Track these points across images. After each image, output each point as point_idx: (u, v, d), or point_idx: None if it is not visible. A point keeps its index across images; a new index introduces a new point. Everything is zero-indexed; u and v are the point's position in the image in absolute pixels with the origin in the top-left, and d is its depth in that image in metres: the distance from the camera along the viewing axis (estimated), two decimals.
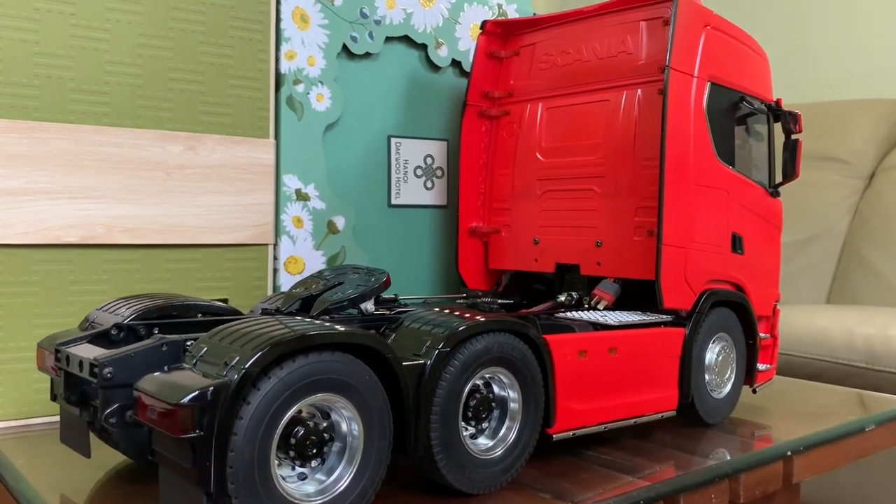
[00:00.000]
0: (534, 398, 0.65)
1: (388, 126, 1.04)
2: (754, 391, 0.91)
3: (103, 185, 0.83)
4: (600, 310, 0.84)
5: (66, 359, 0.61)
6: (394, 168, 1.05)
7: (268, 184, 0.93)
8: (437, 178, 1.09)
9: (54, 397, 0.65)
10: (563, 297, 0.87)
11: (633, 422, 0.75)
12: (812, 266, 1.92)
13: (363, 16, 1.00)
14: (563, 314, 0.80)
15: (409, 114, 1.06)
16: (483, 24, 0.99)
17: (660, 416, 0.77)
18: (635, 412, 0.75)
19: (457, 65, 1.10)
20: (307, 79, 0.95)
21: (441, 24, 1.07)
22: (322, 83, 0.97)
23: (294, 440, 0.52)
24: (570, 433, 0.69)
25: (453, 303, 0.97)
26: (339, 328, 0.54)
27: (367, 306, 0.71)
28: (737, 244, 0.87)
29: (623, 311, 0.82)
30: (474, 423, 0.63)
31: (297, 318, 0.62)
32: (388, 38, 1.03)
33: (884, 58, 2.10)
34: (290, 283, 0.89)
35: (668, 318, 0.81)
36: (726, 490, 0.70)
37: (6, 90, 0.78)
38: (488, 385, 0.64)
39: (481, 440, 0.63)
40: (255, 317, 0.66)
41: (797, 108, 0.93)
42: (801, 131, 0.93)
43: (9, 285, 0.79)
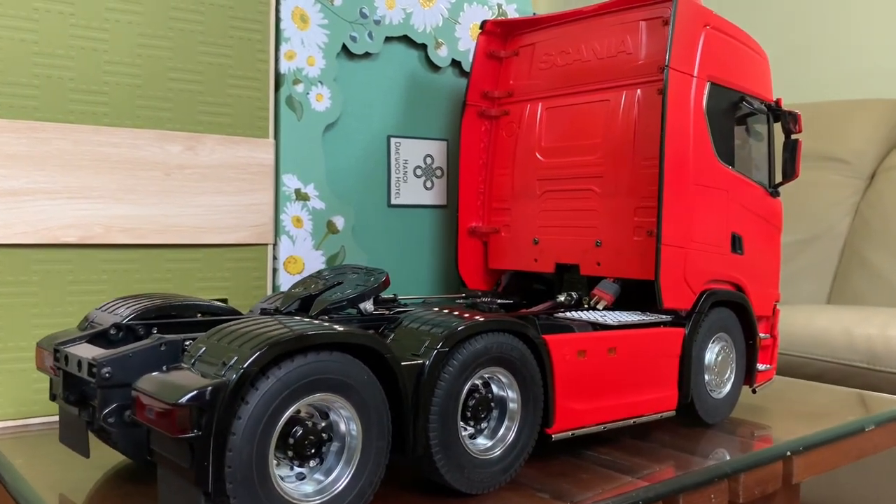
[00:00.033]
0: (533, 398, 0.65)
1: (387, 126, 1.04)
2: (754, 391, 0.91)
3: (102, 184, 0.83)
4: (600, 310, 0.83)
5: (65, 358, 0.61)
6: (393, 168, 1.05)
7: (267, 184, 0.93)
8: (437, 178, 1.08)
9: (53, 397, 0.65)
10: (563, 297, 0.87)
11: (632, 422, 0.75)
12: (812, 266, 1.92)
13: (363, 16, 1.00)
14: (563, 314, 0.80)
15: (408, 114, 1.06)
16: (483, 24, 0.99)
17: (659, 416, 0.77)
18: (635, 412, 0.75)
19: (456, 65, 1.10)
20: (307, 79, 0.95)
21: (441, 24, 1.07)
22: (322, 83, 0.96)
23: (292, 440, 0.52)
24: (570, 433, 0.69)
25: (452, 303, 0.98)
26: (338, 328, 0.54)
27: (366, 306, 0.71)
28: (736, 244, 0.87)
29: (622, 311, 0.82)
30: (473, 423, 0.63)
31: (295, 318, 0.62)
32: (388, 38, 1.03)
33: (884, 58, 2.09)
34: (290, 283, 0.89)
35: (668, 318, 0.80)
36: (726, 490, 0.70)
37: (6, 90, 0.78)
38: (487, 385, 0.64)
39: (480, 440, 0.63)
40: (253, 317, 0.66)
41: (797, 108, 0.93)
42: (801, 131, 0.93)
43: (8, 285, 0.79)
